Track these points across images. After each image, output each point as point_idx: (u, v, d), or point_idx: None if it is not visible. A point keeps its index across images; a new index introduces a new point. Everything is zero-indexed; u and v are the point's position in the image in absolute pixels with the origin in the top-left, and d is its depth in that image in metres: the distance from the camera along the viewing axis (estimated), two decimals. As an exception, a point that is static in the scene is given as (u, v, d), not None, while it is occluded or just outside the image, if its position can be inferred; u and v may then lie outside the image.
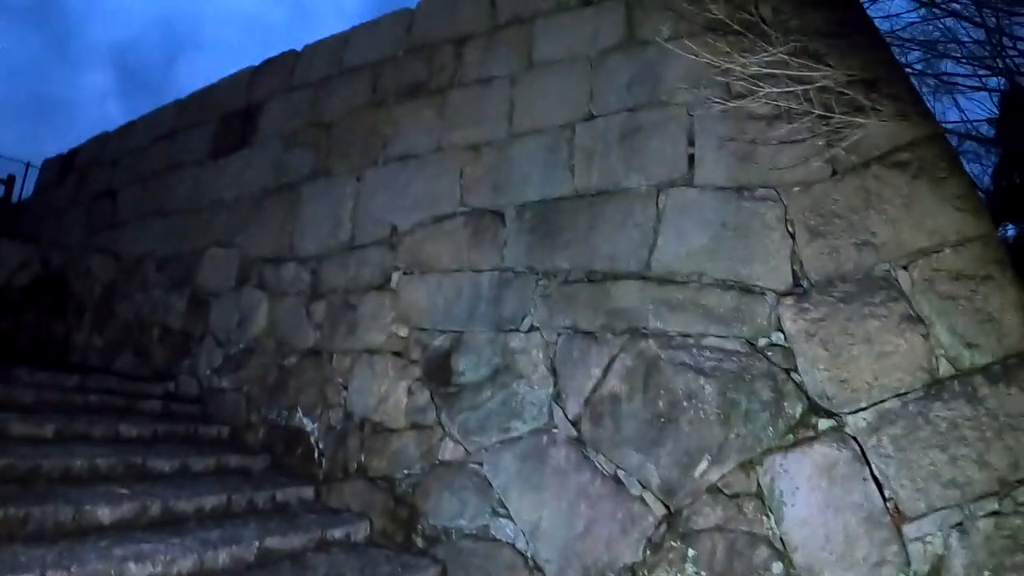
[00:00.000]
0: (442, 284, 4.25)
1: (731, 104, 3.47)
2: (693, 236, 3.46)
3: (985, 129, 7.28)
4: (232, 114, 6.42)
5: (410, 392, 4.16)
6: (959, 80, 7.66)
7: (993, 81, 7.57)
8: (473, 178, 4.35)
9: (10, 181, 11.29)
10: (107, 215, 7.51)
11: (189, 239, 6.20)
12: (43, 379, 4.95)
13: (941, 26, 7.27)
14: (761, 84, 3.32)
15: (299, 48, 6.13)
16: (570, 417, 3.56)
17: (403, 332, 4.33)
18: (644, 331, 3.45)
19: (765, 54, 3.33)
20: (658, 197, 3.61)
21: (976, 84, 7.62)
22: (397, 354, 4.31)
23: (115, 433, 4.31)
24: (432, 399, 4.05)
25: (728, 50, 3.44)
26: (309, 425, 4.57)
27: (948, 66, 7.74)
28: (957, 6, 6.85)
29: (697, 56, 3.52)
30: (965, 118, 7.77)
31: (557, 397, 3.63)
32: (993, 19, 6.79)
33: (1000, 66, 7.23)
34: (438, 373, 4.06)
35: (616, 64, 4.02)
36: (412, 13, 5.28)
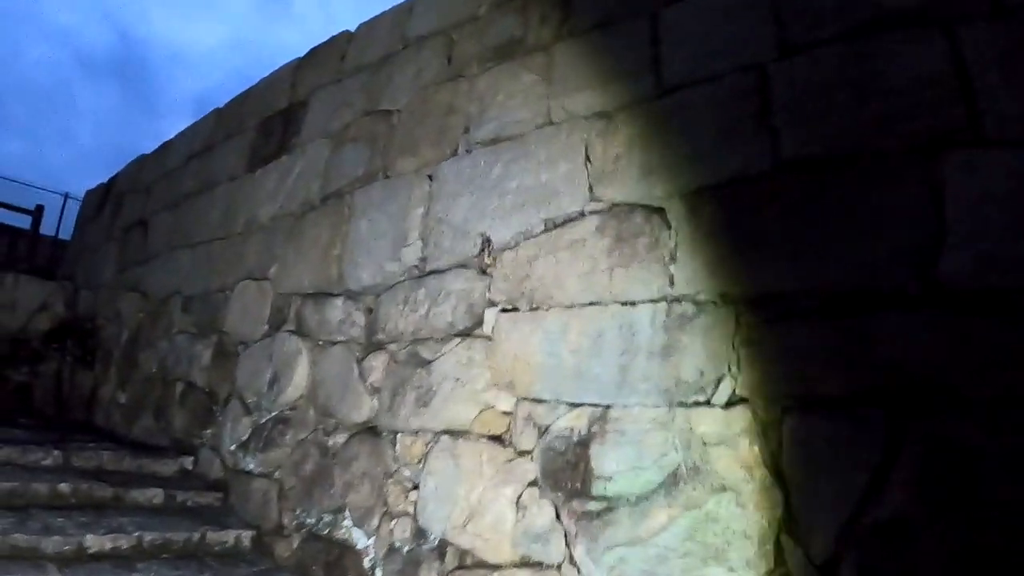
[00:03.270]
0: (568, 326, 2.63)
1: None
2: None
3: None
4: (272, 117, 5.14)
5: (519, 504, 2.55)
6: None
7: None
8: (607, 158, 2.77)
9: (38, 211, 10.42)
10: (139, 248, 6.37)
11: (218, 273, 4.90)
12: (8, 455, 3.69)
13: None
14: None
15: (353, 29, 4.81)
16: (817, 560, 1.90)
17: (505, 404, 2.73)
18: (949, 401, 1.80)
19: None
20: (939, 159, 1.99)
21: None
22: (496, 439, 2.72)
23: (77, 547, 2.98)
24: (558, 519, 2.42)
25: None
26: (362, 541, 3.04)
27: None
28: None
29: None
30: None
31: (790, 524, 2.00)
32: None
33: None
34: (568, 475, 2.43)
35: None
36: (498, -42, 3.86)
